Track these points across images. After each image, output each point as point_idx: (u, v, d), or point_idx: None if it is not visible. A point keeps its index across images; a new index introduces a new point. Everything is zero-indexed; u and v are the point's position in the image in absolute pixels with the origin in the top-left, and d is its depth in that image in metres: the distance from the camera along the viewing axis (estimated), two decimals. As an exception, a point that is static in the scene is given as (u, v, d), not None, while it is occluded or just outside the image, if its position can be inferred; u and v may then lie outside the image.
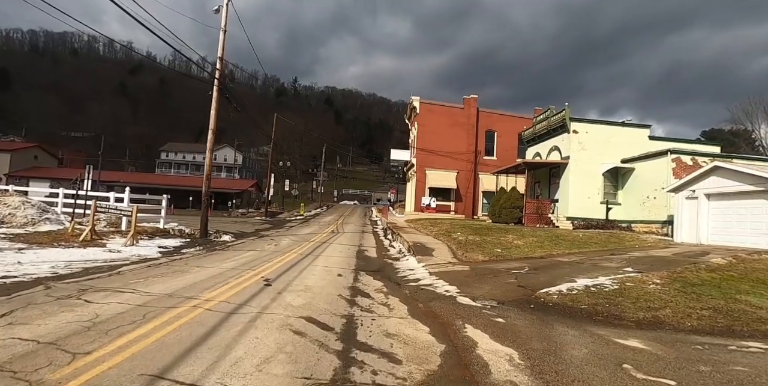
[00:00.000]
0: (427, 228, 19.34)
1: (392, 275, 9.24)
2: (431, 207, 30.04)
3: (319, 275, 8.57)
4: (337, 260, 11.36)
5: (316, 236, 18.80)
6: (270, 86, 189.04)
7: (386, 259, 12.33)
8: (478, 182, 31.91)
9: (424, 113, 31.49)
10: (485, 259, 11.28)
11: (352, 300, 6.32)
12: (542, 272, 9.31)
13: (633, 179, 21.54)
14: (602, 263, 10.45)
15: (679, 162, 19.40)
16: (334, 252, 13.13)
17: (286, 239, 16.57)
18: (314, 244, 15.31)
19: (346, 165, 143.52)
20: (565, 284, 7.86)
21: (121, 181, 47.15)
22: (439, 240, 14.89)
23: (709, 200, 16.06)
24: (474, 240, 14.06)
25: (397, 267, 10.58)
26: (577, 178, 21.91)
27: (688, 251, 13.16)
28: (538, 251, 12.72)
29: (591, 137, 22.17)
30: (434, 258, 11.34)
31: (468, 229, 17.20)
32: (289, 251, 12.76)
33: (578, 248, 13.77)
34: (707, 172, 15.88)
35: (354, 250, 14.19)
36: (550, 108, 24.21)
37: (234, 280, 7.30)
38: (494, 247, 13.02)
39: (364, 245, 16.27)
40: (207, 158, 15.58)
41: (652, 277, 8.55)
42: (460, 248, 12.76)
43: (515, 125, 32.05)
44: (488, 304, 6.48)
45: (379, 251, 14.23)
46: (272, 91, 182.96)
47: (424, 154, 31.08)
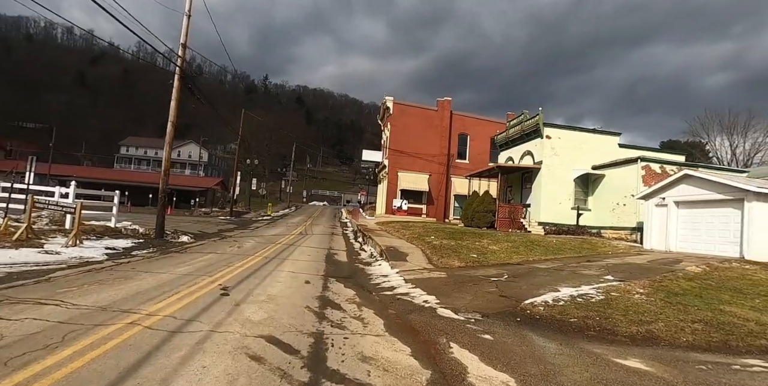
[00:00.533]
0: (399, 231, 18.74)
1: (365, 283, 8.54)
2: (403, 210, 29.53)
3: (284, 282, 7.76)
4: (305, 264, 10.55)
5: (284, 237, 17.85)
6: (240, 83, 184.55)
7: (357, 264, 11.62)
8: (450, 186, 31.67)
9: (398, 114, 31.00)
10: (462, 265, 10.76)
11: (322, 313, 5.58)
12: (522, 279, 8.85)
13: (603, 186, 21.72)
14: (581, 271, 10.12)
15: (648, 170, 19.65)
16: (302, 256, 12.30)
17: (251, 241, 15.57)
18: (281, 246, 14.40)
19: (316, 166, 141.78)
20: (549, 293, 7.40)
21: (74, 176, 44.22)
22: (413, 244, 14.31)
23: (679, 208, 16.21)
24: (449, 245, 13.55)
25: (369, 273, 9.89)
26: (549, 183, 21.90)
27: (661, 258, 13.12)
28: (515, 257, 12.33)
29: (563, 143, 22.23)
30: (409, 264, 10.72)
31: (442, 233, 16.71)
32: (253, 254, 11.84)
33: (553, 254, 13.51)
34: (677, 180, 16.02)
35: (323, 253, 13.39)
36: (523, 113, 24.19)
37: (186, 288, 6.41)
38: (470, 252, 12.55)
39: (334, 248, 15.48)
40: (165, 151, 14.41)
41: (635, 286, 8.25)
42: (435, 253, 12.21)
43: (488, 129, 32.05)
44: (472, 317, 5.89)
45: (350, 255, 13.49)
46: (242, 88, 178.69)
47: (396, 155, 30.56)
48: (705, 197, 15.02)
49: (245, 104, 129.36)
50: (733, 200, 14.10)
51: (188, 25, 14.13)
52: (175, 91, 14.21)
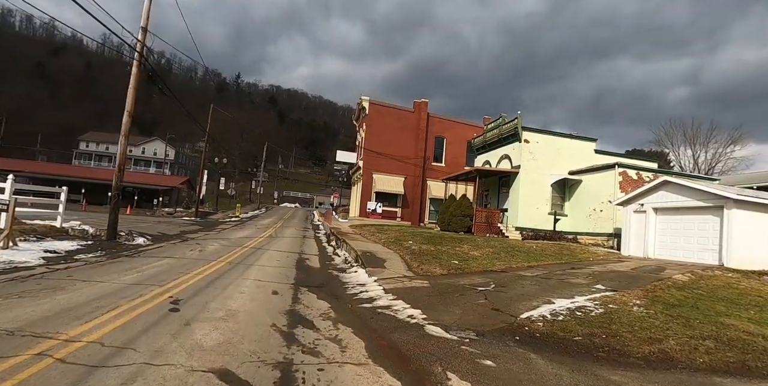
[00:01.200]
0: (374, 235, 17.90)
1: (340, 293, 7.67)
2: (377, 213, 28.72)
3: (248, 293, 6.79)
4: (273, 271, 9.56)
5: (251, 240, 16.70)
6: (211, 80, 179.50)
7: (332, 270, 10.71)
8: (426, 189, 31.11)
9: (374, 115, 30.23)
10: (444, 272, 10.02)
11: (291, 334, 4.68)
12: (511, 289, 8.18)
13: (580, 191, 21.59)
14: (570, 279, 9.57)
15: (625, 176, 19.59)
16: (271, 261, 11.28)
17: (215, 244, 14.38)
18: (248, 250, 13.31)
19: (289, 167, 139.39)
20: (544, 306, 6.74)
21: (25, 171, 41.25)
22: (390, 249, 13.50)
23: (657, 215, 16.08)
24: (428, 250, 12.82)
25: (345, 282, 9.00)
26: (527, 188, 21.59)
27: (644, 265, 12.81)
28: (497, 264, 11.72)
29: (541, 148, 22.00)
30: (387, 271, 9.90)
31: (419, 237, 15.99)
32: (215, 259, 10.74)
33: (535, 260, 13.00)
34: (656, 186, 15.89)
35: (294, 258, 12.40)
36: (502, 116, 23.88)
37: (128, 302, 5.37)
38: (451, 258, 11.84)
39: (306, 252, 14.49)
40: (120, 144, 13.08)
41: (630, 297, 7.72)
42: (414, 259, 11.43)
43: (465, 132, 31.71)
44: (465, 336, 5.12)
45: (323, 261, 12.56)
46: (213, 86, 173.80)
47: (371, 156, 29.76)
48: (684, 203, 14.90)
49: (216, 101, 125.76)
50: (712, 208, 13.99)
51: (150, 6, 12.90)
52: (133, 78, 12.94)
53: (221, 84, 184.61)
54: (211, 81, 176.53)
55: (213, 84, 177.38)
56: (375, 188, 29.38)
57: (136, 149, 78.64)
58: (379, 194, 29.68)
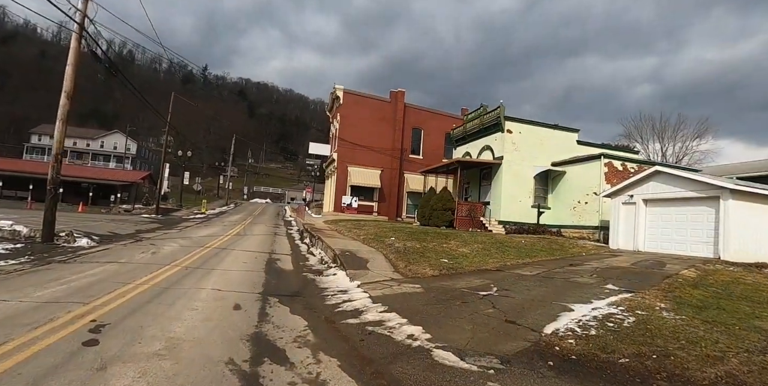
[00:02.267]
0: (351, 231, 16.60)
1: (318, 303, 6.36)
2: (353, 207, 27.37)
3: (203, 309, 5.39)
4: (237, 277, 8.14)
5: (216, 239, 15.09)
6: (176, 72, 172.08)
7: (307, 273, 9.36)
8: (404, 182, 29.95)
9: (348, 104, 28.74)
10: (435, 273, 8.84)
11: (254, 375, 3.35)
12: (517, 293, 7.08)
13: (563, 183, 20.90)
14: (575, 279, 8.58)
15: (611, 167, 18.98)
16: (236, 264, 9.82)
17: (173, 245, 12.74)
18: (210, 251, 11.76)
19: (259, 161, 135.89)
20: (564, 315, 5.65)
21: (-36, 166, 37.62)
22: (372, 247, 12.23)
23: (647, 206, 15.44)
24: (414, 247, 11.62)
25: (323, 287, 7.69)
26: (509, 180, 20.74)
27: (641, 260, 12.05)
28: (490, 261, 10.65)
29: (524, 138, 21.18)
30: (371, 273, 8.63)
31: (401, 233, 14.80)
32: (169, 262, 9.20)
33: (528, 256, 12.03)
34: (647, 177, 15.23)
35: (263, 259, 10.97)
36: (483, 106, 22.92)
37: (26, 333, 3.90)
38: (439, 256, 10.70)
39: (277, 252, 13.06)
40: (57, 130, 11.21)
41: (652, 299, 6.77)
42: (400, 259, 10.21)
43: (443, 123, 30.68)
44: (488, 365, 3.92)
45: (296, 262, 11.17)
46: (179, 78, 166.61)
47: (346, 148, 28.30)
48: (676, 194, 14.27)
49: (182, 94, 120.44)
50: (707, 198, 13.39)
51: (89, -31, 11.06)
52: (72, 54, 11.08)
53: (188, 76, 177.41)
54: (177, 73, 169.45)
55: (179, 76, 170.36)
56: (350, 181, 27.98)
57: (94, 142, 74.13)
58: (354, 188, 28.30)
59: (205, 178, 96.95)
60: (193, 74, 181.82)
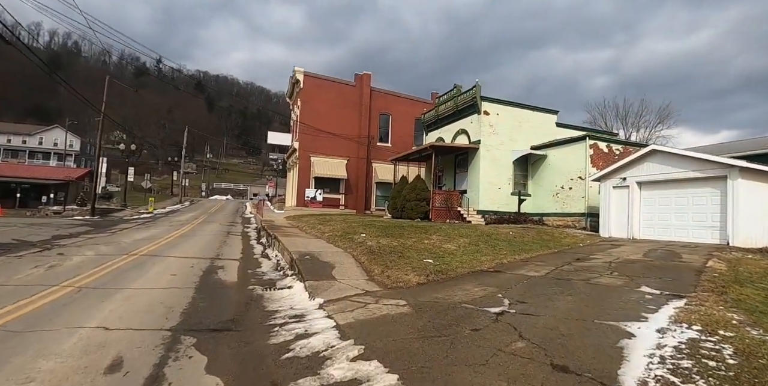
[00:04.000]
0: (315, 228, 14.40)
1: (258, 343, 4.21)
2: (317, 201, 25.06)
3: (55, 373, 3.15)
4: (150, 299, 5.85)
5: (151, 244, 12.52)
6: (128, 64, 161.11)
7: (254, 286, 7.15)
8: (372, 172, 27.86)
9: (310, 89, 26.24)
10: (421, 280, 6.84)
11: None
12: (537, 306, 5.19)
13: (545, 168, 19.42)
14: (594, 279, 6.81)
15: (596, 149, 17.58)
16: (160, 278, 7.48)
17: (88, 253, 10.15)
18: (132, 261, 9.30)
19: (220, 157, 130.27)
20: (629, 346, 3.77)
21: None
22: (338, 247, 10.11)
23: (642, 190, 14.07)
24: (389, 246, 9.58)
25: (271, 310, 5.53)
26: (488, 166, 19.06)
27: (649, 249, 10.53)
28: (483, 259, 8.78)
29: (502, 120, 19.52)
30: (338, 284, 6.53)
31: (372, 228, 12.73)
32: (63, 280, 6.77)
33: (523, 251, 10.28)
34: (642, 157, 13.82)
35: (201, 269, 8.65)
36: (456, 86, 21.08)
37: None
38: (422, 256, 8.72)
39: (224, 256, 10.71)
40: None
41: (715, 308, 5.11)
42: (374, 261, 8.13)
43: (412, 109, 28.74)
44: None
45: (244, 269, 8.92)
46: (130, 71, 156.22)
47: (308, 137, 25.85)
48: (676, 175, 12.90)
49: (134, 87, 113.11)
50: (711, 179, 12.05)
51: None
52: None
53: (141, 69, 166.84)
54: (129, 66, 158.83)
55: (131, 69, 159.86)
56: (314, 172, 25.60)
57: (32, 138, 67.66)
58: (318, 180, 25.95)
59: (161, 176, 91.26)
60: (146, 67, 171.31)
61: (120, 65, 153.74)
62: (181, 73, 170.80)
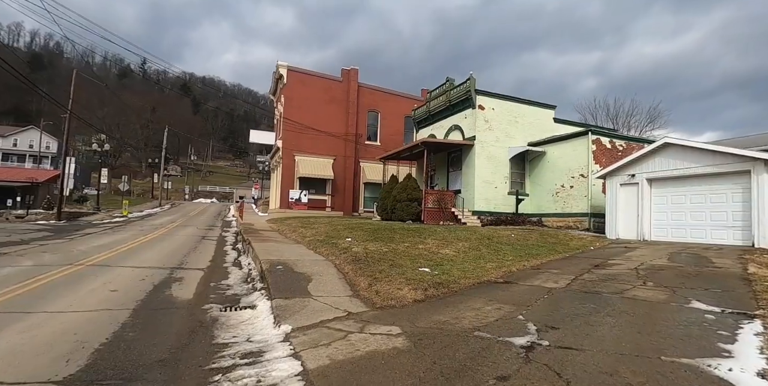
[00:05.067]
0: (296, 231, 13.02)
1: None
2: (302, 203, 23.62)
3: None
4: (65, 327, 4.45)
5: (106, 252, 11.01)
6: (112, 66, 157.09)
7: (210, 306, 5.76)
8: (360, 172, 26.50)
9: (294, 84, 24.82)
10: (419, 296, 5.51)
11: None
12: (575, 335, 3.90)
13: (543, 166, 18.27)
14: (628, 292, 5.57)
15: (599, 145, 16.47)
16: (97, 294, 6.05)
17: (25, 264, 8.64)
18: (72, 273, 7.83)
19: (206, 159, 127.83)
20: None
21: None
22: (319, 254, 8.75)
23: (653, 187, 12.94)
24: (379, 252, 8.24)
25: (220, 343, 4.15)
26: (483, 163, 17.85)
27: (670, 252, 9.36)
28: (489, 267, 7.50)
29: (498, 115, 18.34)
30: (314, 303, 5.18)
31: (360, 231, 11.40)
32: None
33: (530, 256, 9.04)
34: (653, 151, 12.69)
35: (153, 282, 7.22)
36: (449, 79, 19.87)
37: None
38: (416, 263, 7.41)
39: (188, 265, 9.28)
40: None
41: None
42: (360, 272, 6.79)
43: (402, 106, 27.49)
44: None
45: (206, 282, 7.51)
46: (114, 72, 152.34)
47: (293, 134, 24.42)
48: (692, 171, 11.79)
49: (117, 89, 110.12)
50: (732, 174, 10.96)
51: None
52: None
53: (125, 70, 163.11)
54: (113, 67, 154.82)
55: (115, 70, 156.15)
56: (298, 172, 24.15)
57: (5, 140, 64.89)
58: (303, 180, 24.50)
59: (145, 178, 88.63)
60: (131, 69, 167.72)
61: (104, 66, 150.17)
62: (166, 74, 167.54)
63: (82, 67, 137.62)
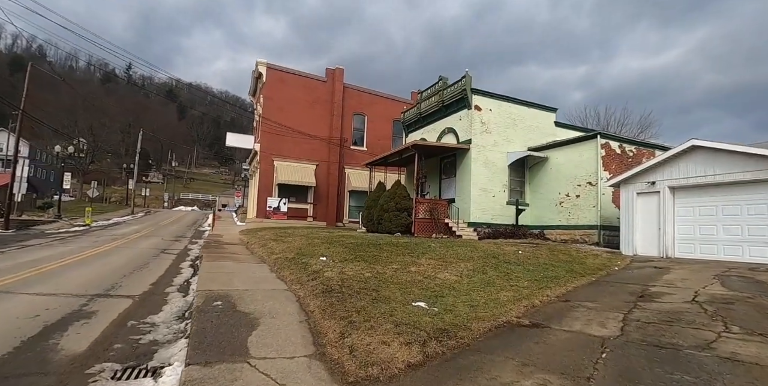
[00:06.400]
0: (266, 246, 11.07)
1: None
2: (281, 211, 21.61)
3: None
4: None
5: (26, 270, 8.92)
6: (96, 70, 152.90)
7: (102, 366, 3.82)
8: (345, 179, 24.61)
9: (274, 83, 22.97)
10: (414, 356, 3.65)
11: None
12: None
13: (545, 173, 16.65)
14: (720, 346, 3.79)
15: (608, 149, 14.90)
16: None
17: None
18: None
19: (188, 166, 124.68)
20: None
21: None
22: (281, 280, 6.83)
23: (677, 196, 11.34)
24: (359, 278, 6.36)
25: None
26: (480, 170, 16.16)
27: (713, 275, 7.65)
28: (503, 298, 5.69)
29: (495, 117, 16.73)
30: (249, 377, 3.27)
31: (340, 247, 9.50)
32: None
33: (548, 280, 7.27)
34: (678, 155, 11.13)
35: (47, 319, 5.25)
36: (442, 78, 18.23)
37: None
38: (408, 295, 5.55)
39: (118, 291, 7.28)
40: None
41: None
42: (330, 311, 4.88)
43: (390, 109, 25.81)
44: None
45: (125, 320, 5.54)
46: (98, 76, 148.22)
47: (272, 137, 22.49)
48: (725, 177, 10.21)
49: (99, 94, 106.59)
50: (775, 181, 9.39)
51: None
52: None
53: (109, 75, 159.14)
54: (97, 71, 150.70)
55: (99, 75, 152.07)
56: (277, 179, 22.16)
57: (-27, 144, 61.48)
58: (283, 187, 22.52)
59: (123, 185, 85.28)
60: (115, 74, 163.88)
61: (88, 71, 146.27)
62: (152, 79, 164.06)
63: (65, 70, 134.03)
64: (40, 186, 53.37)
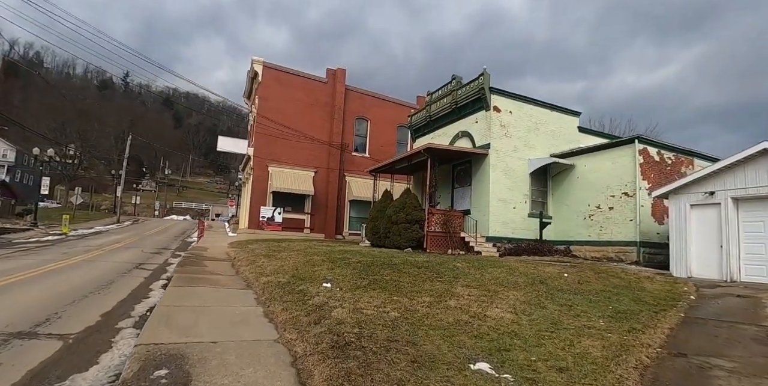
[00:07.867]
0: (255, 263, 9.20)
1: None
2: (275, 222, 19.73)
3: None
4: None
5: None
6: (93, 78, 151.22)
7: None
8: (345, 187, 22.82)
9: (270, 83, 21.33)
10: None
11: None
12: None
13: (571, 182, 14.96)
14: None
15: (646, 156, 13.23)
16: None
17: None
18: None
19: (183, 174, 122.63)
20: None
21: None
22: (270, 320, 4.92)
23: (741, 209, 9.62)
24: (382, 318, 4.52)
25: None
26: (499, 178, 14.46)
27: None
28: (593, 351, 3.89)
29: (516, 120, 15.12)
30: None
31: (347, 267, 7.65)
32: None
33: (622, 316, 5.57)
34: (743, 161, 9.46)
35: None
36: (455, 77, 16.62)
37: None
38: (457, 348, 3.72)
39: (49, 328, 5.42)
40: None
41: None
42: (340, 379, 3.07)
43: (394, 114, 24.19)
44: None
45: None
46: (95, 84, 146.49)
47: (267, 142, 20.73)
48: (810, 187, 8.51)
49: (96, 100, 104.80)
50: None
51: None
52: None
53: (106, 82, 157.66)
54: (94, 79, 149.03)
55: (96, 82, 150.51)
56: (272, 186, 20.33)
57: (-42, 148, 59.46)
58: (278, 196, 20.66)
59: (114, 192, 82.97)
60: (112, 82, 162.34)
61: (85, 78, 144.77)
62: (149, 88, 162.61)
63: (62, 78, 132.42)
64: (24, 192, 51.19)
